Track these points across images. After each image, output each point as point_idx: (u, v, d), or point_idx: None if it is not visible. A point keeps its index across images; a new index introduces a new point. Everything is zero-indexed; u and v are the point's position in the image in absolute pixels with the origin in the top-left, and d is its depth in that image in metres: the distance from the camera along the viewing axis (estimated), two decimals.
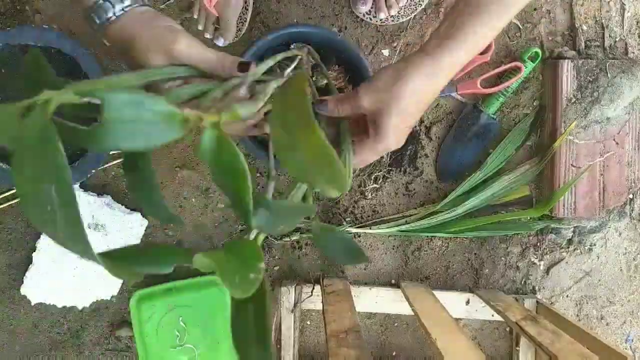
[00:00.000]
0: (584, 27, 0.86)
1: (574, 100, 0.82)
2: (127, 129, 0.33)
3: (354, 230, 0.87)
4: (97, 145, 0.35)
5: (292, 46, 0.74)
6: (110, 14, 0.47)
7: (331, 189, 0.38)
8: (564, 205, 0.83)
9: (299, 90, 0.36)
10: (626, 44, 0.86)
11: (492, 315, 0.87)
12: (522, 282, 0.90)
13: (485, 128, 0.85)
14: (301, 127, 0.34)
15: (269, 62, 0.51)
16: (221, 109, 0.36)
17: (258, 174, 0.88)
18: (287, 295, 0.85)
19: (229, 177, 0.34)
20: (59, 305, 0.88)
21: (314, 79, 0.68)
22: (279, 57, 0.54)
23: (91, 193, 0.85)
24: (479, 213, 0.87)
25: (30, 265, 0.85)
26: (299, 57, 0.60)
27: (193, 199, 0.88)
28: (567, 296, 0.91)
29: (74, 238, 0.30)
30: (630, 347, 0.92)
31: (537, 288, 0.90)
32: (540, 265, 0.90)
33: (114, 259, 0.35)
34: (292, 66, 0.58)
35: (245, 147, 0.70)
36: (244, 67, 0.49)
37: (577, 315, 0.91)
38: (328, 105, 0.54)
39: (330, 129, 0.55)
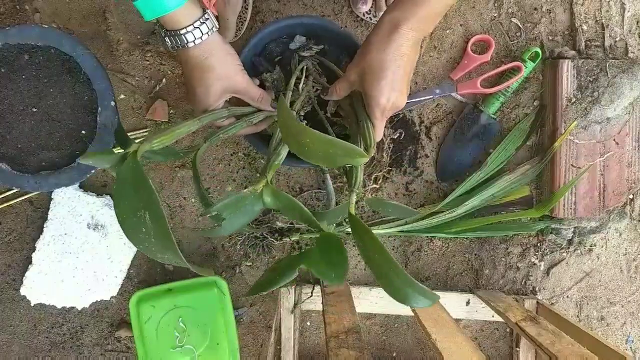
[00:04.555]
0: (584, 27, 0.85)
1: (574, 100, 0.82)
2: (232, 221, 0.55)
3: None
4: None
5: (295, 38, 0.75)
6: (193, 38, 0.56)
7: (353, 161, 0.51)
8: (564, 206, 0.83)
9: (284, 112, 0.55)
10: (626, 44, 0.86)
11: (493, 316, 0.87)
12: (523, 283, 0.90)
13: (486, 128, 0.85)
14: (298, 133, 0.50)
15: (289, 94, 0.69)
16: (263, 176, 0.55)
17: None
18: (287, 296, 0.85)
19: (293, 212, 0.53)
20: (59, 306, 0.87)
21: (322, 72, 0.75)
22: (293, 79, 0.70)
23: (90, 193, 0.84)
24: (479, 213, 0.86)
25: (29, 266, 0.85)
26: (305, 66, 0.72)
27: (192, 199, 0.88)
28: (567, 297, 0.90)
29: (166, 249, 0.45)
30: (630, 348, 0.91)
31: (537, 289, 0.90)
32: (540, 265, 0.90)
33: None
34: (302, 79, 0.72)
35: (249, 142, 0.78)
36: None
37: (578, 316, 0.91)
38: (329, 90, 0.63)
39: (346, 108, 0.65)
